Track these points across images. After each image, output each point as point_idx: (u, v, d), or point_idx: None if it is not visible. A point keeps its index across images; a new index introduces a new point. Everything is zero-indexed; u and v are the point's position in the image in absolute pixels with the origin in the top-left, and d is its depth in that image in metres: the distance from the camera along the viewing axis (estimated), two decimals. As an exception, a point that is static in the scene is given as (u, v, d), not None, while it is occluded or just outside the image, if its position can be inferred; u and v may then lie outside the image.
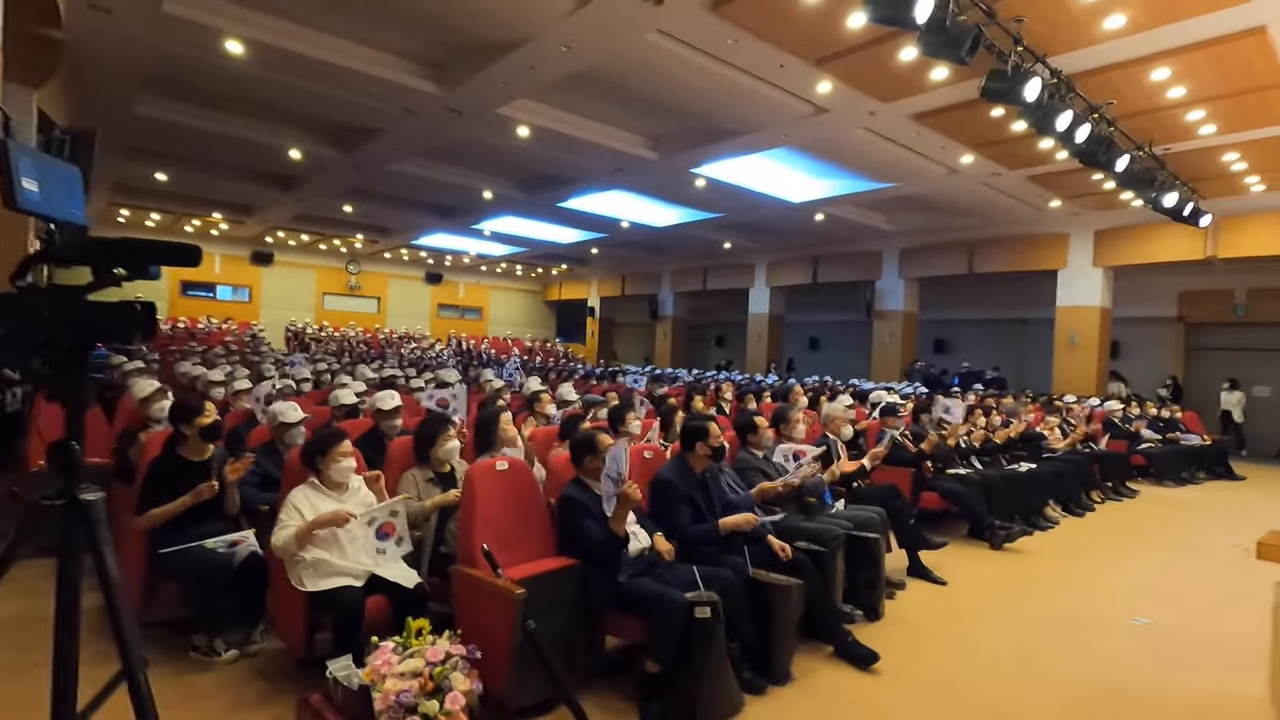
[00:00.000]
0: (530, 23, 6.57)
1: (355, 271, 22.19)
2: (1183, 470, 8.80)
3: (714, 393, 7.72)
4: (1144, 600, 4.24)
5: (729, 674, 2.62)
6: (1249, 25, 5.82)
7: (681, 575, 2.74)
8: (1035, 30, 5.80)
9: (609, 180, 11.96)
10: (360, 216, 16.18)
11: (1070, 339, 12.99)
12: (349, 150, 10.79)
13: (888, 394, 6.85)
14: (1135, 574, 4.86)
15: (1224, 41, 6.07)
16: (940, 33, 4.79)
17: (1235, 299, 13.25)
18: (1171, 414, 10.33)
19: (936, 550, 4.54)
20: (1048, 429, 7.46)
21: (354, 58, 7.50)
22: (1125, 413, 9.66)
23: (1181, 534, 6.14)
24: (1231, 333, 13.73)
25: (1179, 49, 6.30)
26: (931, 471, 5.46)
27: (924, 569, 4.36)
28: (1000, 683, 3.07)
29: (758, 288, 18.70)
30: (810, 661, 3.10)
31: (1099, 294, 12.72)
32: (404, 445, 3.38)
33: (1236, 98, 7.21)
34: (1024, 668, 3.23)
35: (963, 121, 8.33)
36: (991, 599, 4.17)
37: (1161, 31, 6.00)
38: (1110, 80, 6.86)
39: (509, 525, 2.78)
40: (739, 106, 8.36)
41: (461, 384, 5.96)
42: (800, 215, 13.83)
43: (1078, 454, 7.34)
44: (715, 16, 6.14)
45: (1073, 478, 6.75)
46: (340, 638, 2.52)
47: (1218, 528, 6.31)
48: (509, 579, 2.44)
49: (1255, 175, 9.75)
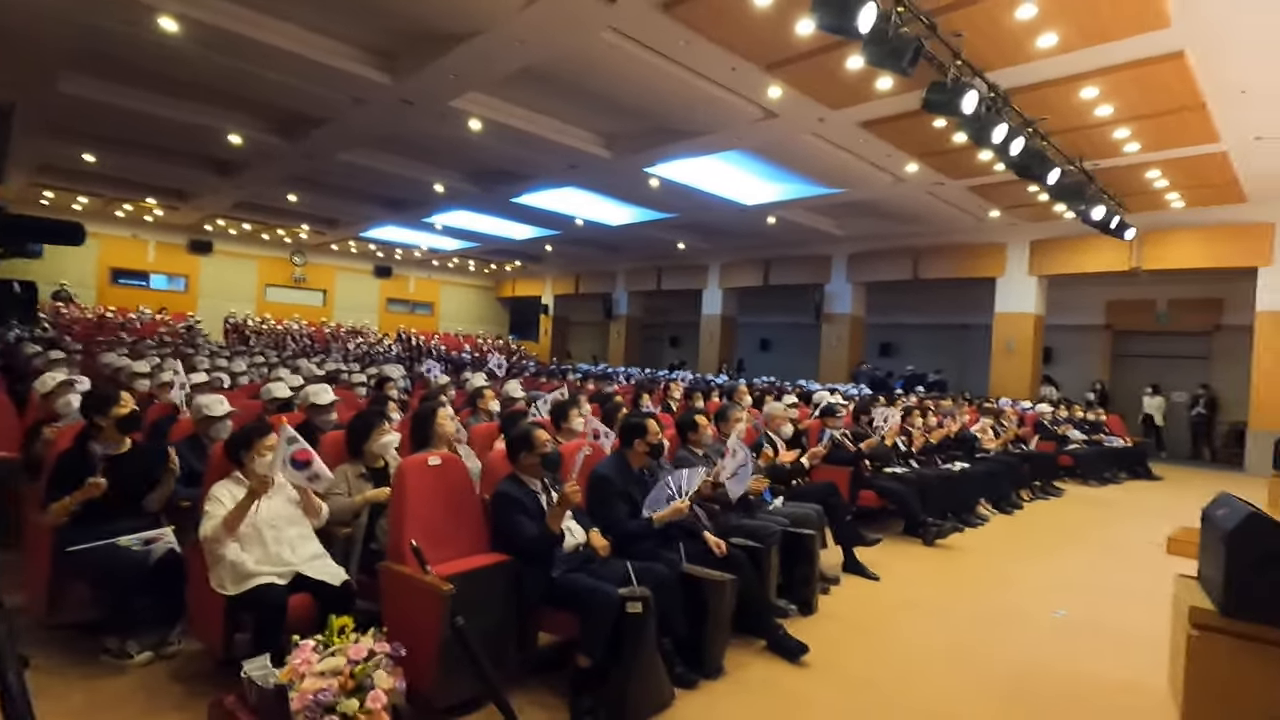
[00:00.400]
0: (483, 15, 6.49)
1: (300, 263, 21.53)
2: (1106, 470, 9.24)
3: (663, 391, 7.76)
4: (1065, 594, 4.44)
5: (660, 668, 2.64)
6: (1168, 50, 6.17)
7: (616, 571, 2.75)
8: (974, 45, 6.02)
9: (563, 177, 11.91)
10: (306, 206, 15.71)
11: (1007, 344, 13.52)
12: (295, 138, 10.46)
13: (830, 395, 7.00)
14: (1058, 569, 5.08)
15: (1146, 64, 6.42)
16: (883, 43, 4.92)
17: (1157, 308, 14.02)
18: (1097, 417, 10.85)
19: (871, 547, 4.66)
20: (981, 430, 7.74)
21: (300, 43, 7.28)
22: (1054, 415, 10.10)
23: (1102, 531, 6.45)
24: (1154, 341, 14.52)
25: (1106, 69, 6.63)
26: (870, 470, 5.60)
27: (858, 565, 4.47)
28: (926, 674, 3.17)
29: (711, 289, 18.89)
30: (743, 655, 3.15)
31: (1034, 302, 13.28)
32: (336, 439, 3.29)
33: (1158, 118, 7.63)
34: (950, 659, 3.35)
35: (907, 131, 8.58)
36: (922, 594, 4.30)
37: (1090, 52, 6.30)
38: (1044, 96, 7.16)
39: (440, 521, 2.74)
40: (692, 107, 8.43)
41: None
42: (752, 218, 14.03)
43: (1009, 454, 7.64)
44: (667, 17, 6.18)
45: (1004, 477, 7.02)
46: (260, 637, 2.44)
47: (1135, 525, 6.65)
48: (437, 575, 2.40)
49: (1175, 192, 10.33)
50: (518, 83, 8.17)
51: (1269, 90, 6.86)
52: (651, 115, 8.99)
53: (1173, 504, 7.80)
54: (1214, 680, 2.47)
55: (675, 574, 2.90)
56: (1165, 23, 5.69)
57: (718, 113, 8.49)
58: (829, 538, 4.35)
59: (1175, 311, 13.82)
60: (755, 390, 9.06)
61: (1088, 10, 5.64)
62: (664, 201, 13.26)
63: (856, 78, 7.01)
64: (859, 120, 8.47)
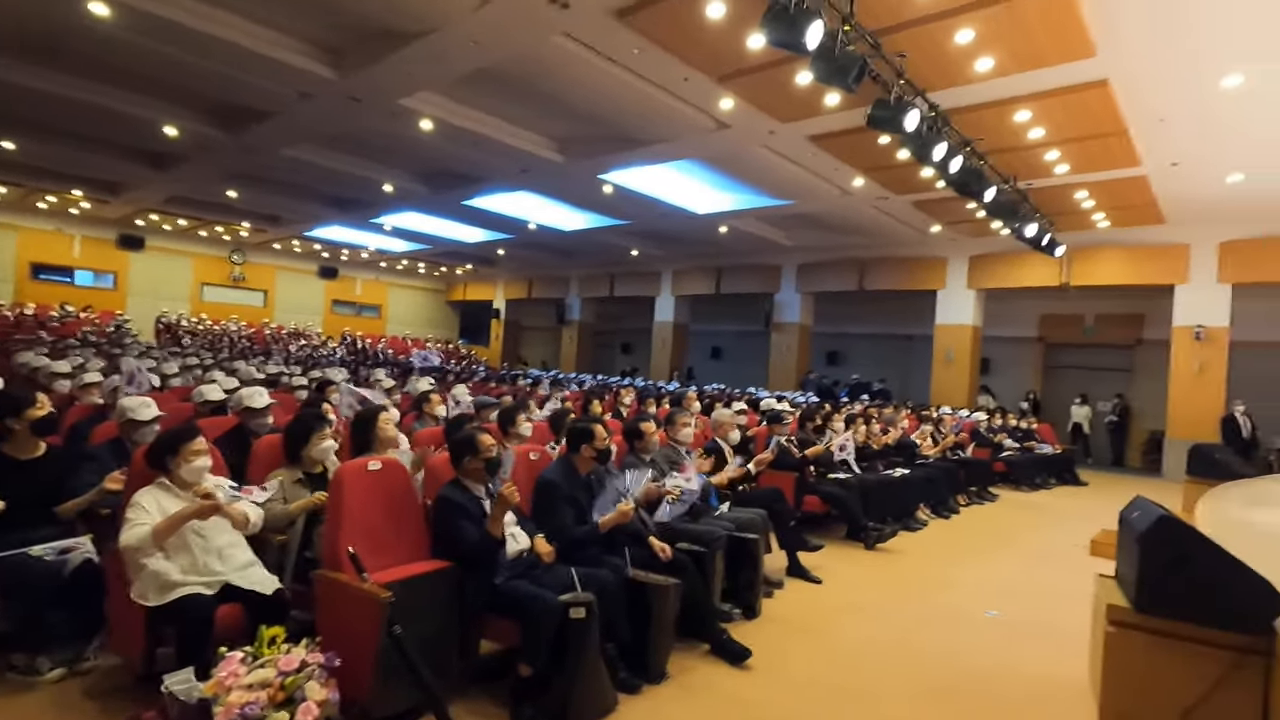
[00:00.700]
0: (436, 14, 6.40)
1: (240, 261, 20.74)
2: (1037, 476, 9.66)
3: (613, 398, 7.76)
4: (997, 594, 4.61)
5: (602, 674, 2.63)
6: (1094, 78, 6.52)
7: (560, 577, 2.73)
8: (916, 66, 6.24)
9: (516, 181, 11.82)
10: (247, 203, 15.15)
11: (946, 355, 14.02)
12: (235, 131, 10.09)
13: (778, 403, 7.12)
14: (992, 571, 5.28)
15: (1074, 91, 6.77)
16: (830, 60, 5.06)
17: (1085, 322, 14.76)
18: (1029, 425, 11.34)
19: (814, 551, 4.76)
20: (921, 438, 7.99)
21: (241, 33, 7.03)
22: (990, 424, 10.50)
23: (1033, 534, 6.74)
24: (1082, 353, 15.27)
25: (1037, 94, 6.97)
26: (814, 476, 5.72)
27: (802, 569, 4.55)
28: (866, 674, 3.25)
29: (663, 296, 19.01)
30: (687, 660, 3.17)
31: (972, 314, 13.81)
32: (272, 444, 3.18)
33: (1084, 142, 8.05)
34: (889, 659, 3.44)
35: (854, 146, 8.82)
36: (863, 596, 4.41)
37: (1023, 77, 6.62)
38: (981, 118, 7.48)
39: (380, 528, 2.67)
40: (645, 116, 8.49)
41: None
42: (705, 226, 14.20)
43: (947, 461, 7.91)
44: (621, 25, 6.21)
45: (942, 483, 7.26)
46: (184, 650, 2.33)
47: (1062, 528, 6.96)
48: (375, 583, 2.35)
49: (1101, 212, 10.91)
50: (471, 84, 8.08)
51: (1185, 120, 7.32)
52: (605, 122, 9.01)
53: (1097, 508, 8.19)
54: (1129, 673, 2.60)
55: (620, 579, 2.90)
56: (1090, 52, 6.03)
57: (671, 122, 8.57)
58: (773, 542, 4.41)
59: (1101, 325, 14.58)
60: (705, 397, 9.15)
61: (1021, 37, 5.92)
62: (618, 208, 13.30)
63: (805, 93, 7.18)
64: (808, 134, 8.68)
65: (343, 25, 7.10)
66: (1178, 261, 11.46)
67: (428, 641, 2.48)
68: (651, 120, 8.61)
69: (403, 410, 5.32)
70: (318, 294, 22.86)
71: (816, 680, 3.13)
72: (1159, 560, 2.55)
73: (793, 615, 3.93)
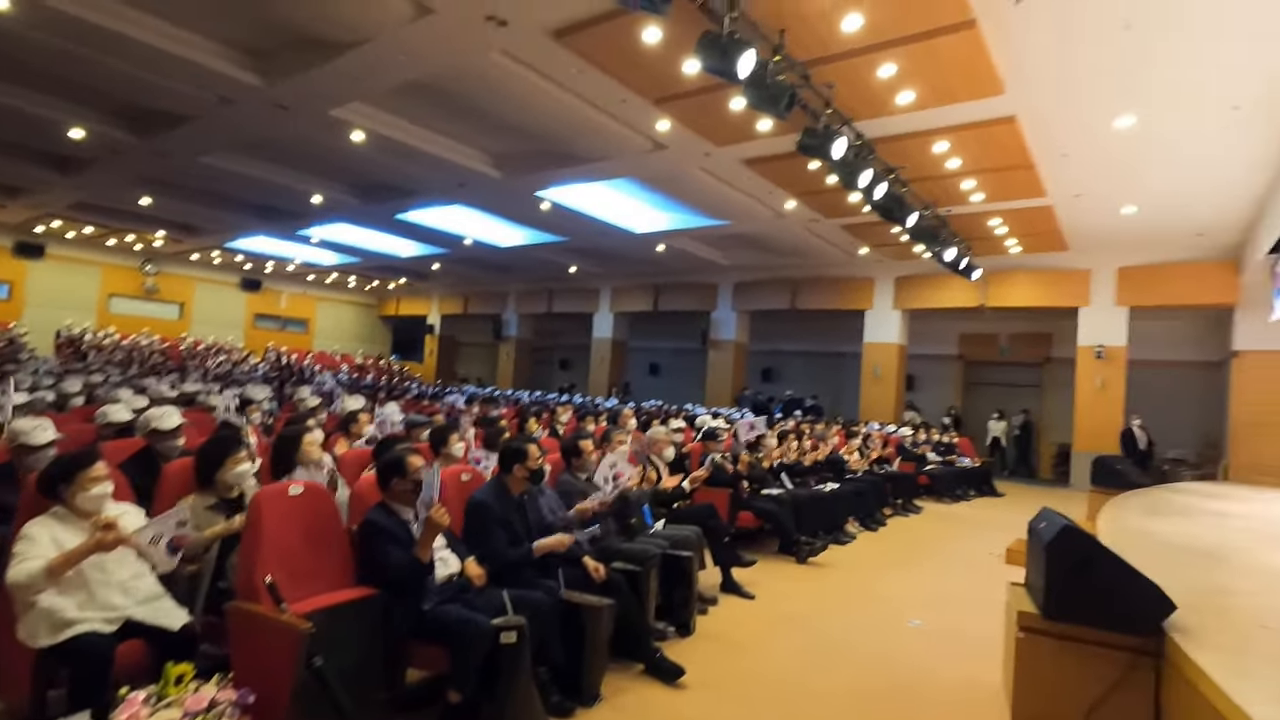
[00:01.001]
0: (368, 24, 6.29)
1: (153, 272, 19.59)
2: (958, 488, 10.11)
3: (549, 415, 7.70)
4: (920, 604, 4.79)
5: (534, 699, 2.59)
6: (1003, 114, 6.98)
7: (492, 600, 2.68)
8: (843, 96, 6.53)
9: (451, 195, 11.66)
10: (162, 211, 14.36)
11: (874, 372, 14.57)
12: (149, 136, 9.58)
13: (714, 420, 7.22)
14: (915, 581, 5.48)
15: (986, 125, 7.23)
16: (761, 88, 5.23)
17: (1001, 342, 15.63)
18: (951, 439, 11.88)
19: (748, 567, 4.83)
20: (849, 452, 8.25)
21: (157, 34, 6.71)
22: (915, 438, 10.95)
23: (954, 545, 7.04)
24: (998, 370, 16.15)
25: (954, 127, 7.40)
26: (748, 492, 5.82)
27: (735, 584, 4.61)
28: (797, 686, 3.31)
29: (602, 312, 19.05)
30: (621, 680, 3.15)
31: (897, 333, 14.42)
32: (183, 468, 3.00)
33: (997, 173, 8.59)
34: (818, 672, 3.52)
35: (786, 171, 9.12)
36: (795, 610, 4.50)
37: (941, 111, 7.01)
38: (904, 147, 7.87)
39: (301, 555, 2.56)
40: (584, 134, 8.54)
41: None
42: (643, 245, 14.34)
43: (875, 474, 8.19)
44: (559, 45, 6.25)
45: (870, 496, 7.51)
46: (79, 693, 2.16)
47: (981, 538, 7.29)
48: (294, 613, 2.24)
49: (1013, 239, 11.61)
50: (406, 96, 7.95)
51: (1084, 155, 7.91)
52: (543, 138, 9.02)
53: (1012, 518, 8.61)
54: (1038, 677, 2.75)
55: (553, 601, 2.87)
56: (1000, 90, 6.45)
57: (609, 141, 8.66)
58: (708, 559, 4.46)
59: (1015, 345, 15.47)
60: (643, 414, 9.19)
61: (937, 74, 6.29)
62: (556, 225, 13.29)
63: (739, 118, 7.39)
64: (743, 158, 8.92)
65: (269, 30, 6.88)
66: (1080, 286, 12.31)
67: (351, 672, 2.38)
68: (590, 139, 8.68)
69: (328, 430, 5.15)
70: (239, 307, 21.84)
71: (749, 695, 3.17)
72: (1063, 568, 2.71)
73: (726, 631, 3.97)
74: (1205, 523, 5.86)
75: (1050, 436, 14.85)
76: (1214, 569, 4.00)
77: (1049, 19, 5.33)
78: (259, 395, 6.28)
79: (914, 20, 5.48)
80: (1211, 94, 6.25)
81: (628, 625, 3.17)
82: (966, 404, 16.46)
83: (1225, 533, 5.39)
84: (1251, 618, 2.91)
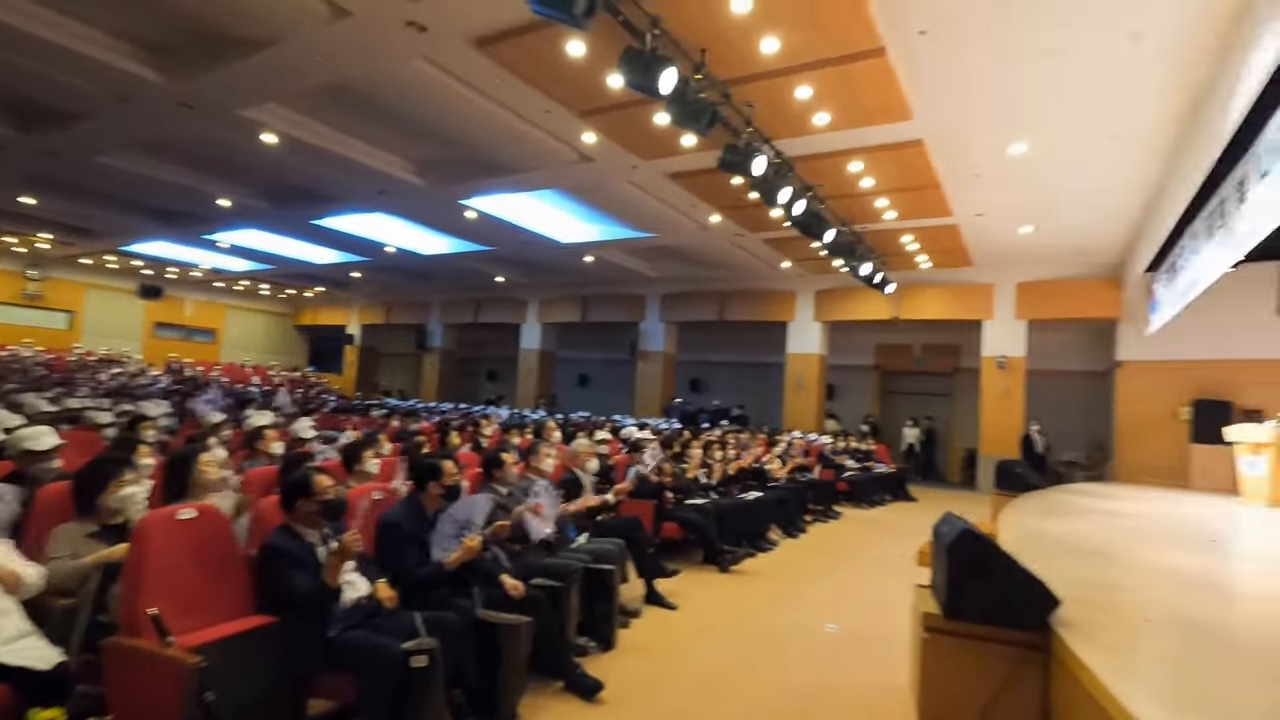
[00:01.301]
0: (281, 23, 6.04)
1: (37, 278, 18.07)
2: (875, 494, 10.51)
3: (473, 429, 7.54)
4: (838, 608, 4.94)
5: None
6: (911, 138, 7.37)
7: (402, 623, 2.59)
8: (763, 116, 6.74)
9: (372, 202, 11.31)
10: (48, 212, 13.30)
11: (797, 382, 15.01)
12: (35, 132, 8.88)
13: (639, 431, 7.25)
14: (834, 586, 5.65)
15: (896, 148, 7.61)
16: (683, 104, 5.33)
17: (914, 352, 16.40)
18: (869, 447, 12.36)
19: (671, 578, 4.85)
20: (771, 461, 8.45)
21: (46, 25, 6.25)
22: (834, 446, 11.32)
23: (872, 549, 7.29)
24: (912, 380, 16.94)
25: (867, 149, 7.75)
26: (672, 502, 5.86)
27: (659, 596, 4.63)
28: (716, 696, 3.34)
29: (530, 323, 18.87)
30: (539, 698, 3.10)
31: (818, 344, 14.92)
32: (59, 493, 2.77)
33: (907, 192, 9.05)
34: (738, 679, 3.56)
35: (710, 185, 9.31)
36: (717, 619, 4.55)
37: (854, 132, 7.34)
38: (821, 166, 8.18)
39: (193, 584, 2.40)
40: (509, 144, 8.46)
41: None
42: (570, 255, 14.31)
43: (796, 482, 8.42)
44: (481, 54, 6.18)
45: (792, 504, 7.70)
46: (-74, 747, 1.95)
47: (896, 542, 7.58)
48: (182, 647, 2.10)
49: (924, 255, 12.25)
50: (322, 98, 7.67)
51: (985, 178, 8.44)
52: (467, 147, 8.88)
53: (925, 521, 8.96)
54: (941, 675, 2.87)
55: (468, 621, 2.79)
56: (908, 115, 6.81)
57: (534, 151, 8.60)
58: (631, 571, 4.46)
59: (928, 355, 16.28)
60: (571, 426, 9.13)
61: (851, 98, 6.58)
62: (481, 234, 13.08)
63: (664, 132, 7.50)
64: (668, 171, 9.05)
65: (173, 26, 6.51)
66: (984, 300, 13.10)
67: (249, 706, 2.26)
68: (516, 148, 8.60)
69: (233, 448, 4.87)
70: (136, 315, 20.42)
71: (668, 707, 3.17)
72: (962, 569, 2.86)
73: (648, 643, 3.97)
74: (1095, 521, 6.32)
75: (959, 442, 15.67)
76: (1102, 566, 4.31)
77: (950, 51, 5.68)
78: (154, 411, 5.87)
79: (828, 45, 5.72)
80: (1093, 124, 6.80)
81: (547, 642, 3.13)
82: (884, 412, 17.17)
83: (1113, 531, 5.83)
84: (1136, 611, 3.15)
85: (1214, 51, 5.29)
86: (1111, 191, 8.55)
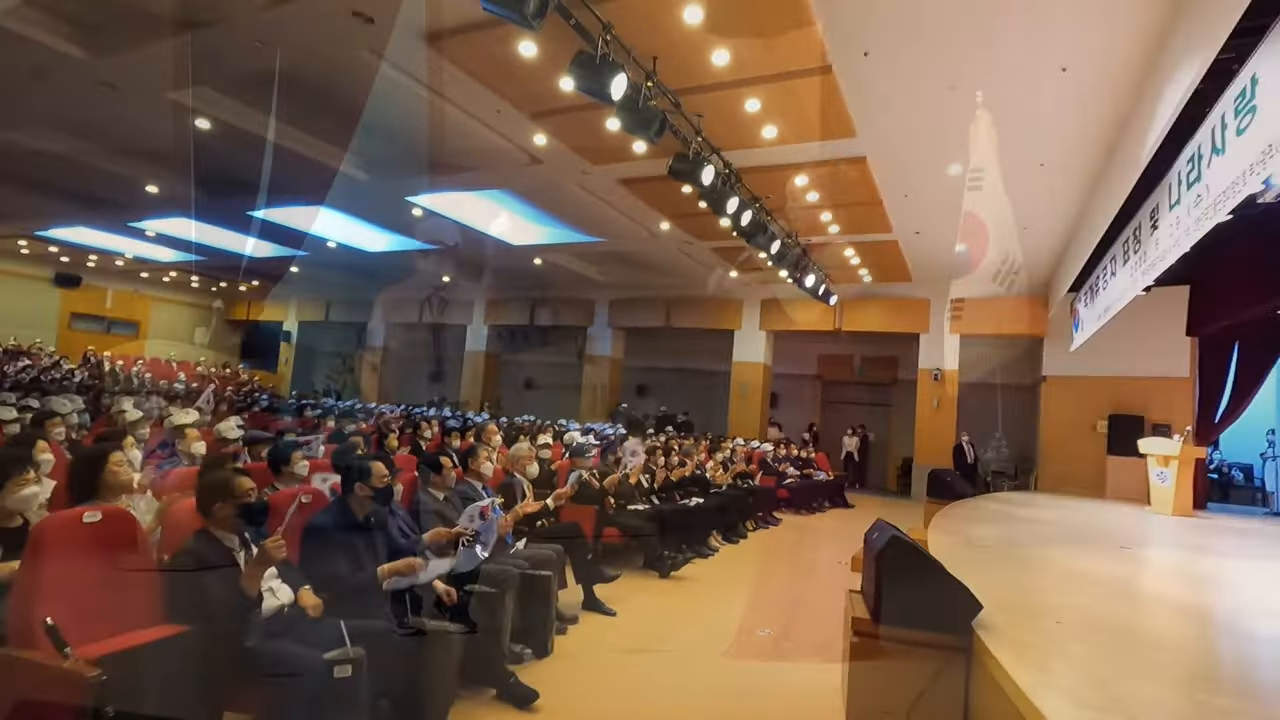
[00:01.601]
0: (217, 3, 5.78)
1: (-62, 262, 16.78)
2: (814, 501, 10.74)
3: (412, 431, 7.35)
4: (774, 613, 5.02)
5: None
6: (855, 155, 7.58)
7: (326, 632, 2.49)
8: (712, 126, 6.83)
9: (313, 195, 10.93)
10: (-49, 191, 12.36)
11: (742, 390, 15.22)
12: (-67, 104, 8.24)
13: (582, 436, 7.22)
14: (771, 590, 5.74)
15: (840, 164, 7.83)
16: (634, 111, 5.35)
17: (855, 363, 16.85)
18: (809, 455, 12.62)
19: (610, 583, 4.83)
20: (714, 468, 8.54)
21: (-51, -12, 5.81)
22: (776, 454, 11.52)
23: (809, 555, 7.46)
24: (853, 389, 17.39)
25: (813, 163, 7.94)
26: (614, 507, 5.84)
27: (597, 601, 4.60)
28: (651, 700, 3.35)
29: (476, 325, 18.57)
30: (472, 707, 3.04)
31: (763, 353, 15.18)
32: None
33: (850, 208, 9.31)
34: (672, 686, 3.57)
35: (660, 193, 9.36)
36: (655, 625, 4.55)
37: (801, 147, 7.51)
38: (768, 178, 8.33)
39: (96, 592, 2.25)
40: (458, 141, 8.32)
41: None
42: (519, 257, 14.16)
43: (738, 489, 8.52)
44: (431, 49, 6.08)
45: (733, 510, 7.79)
46: None
47: (833, 548, 7.77)
48: (81, 658, 1.97)
49: (865, 268, 12.62)
50: (262, 86, 7.35)
51: (924, 197, 8.74)
52: (415, 143, 8.67)
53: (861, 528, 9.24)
54: (869, 678, 2.94)
55: (397, 628, 2.71)
56: (852, 133, 7.01)
57: (484, 150, 8.48)
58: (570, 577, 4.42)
59: (868, 366, 16.74)
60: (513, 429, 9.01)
61: (797, 113, 6.74)
62: (428, 232, 12.81)
63: (615, 138, 7.48)
64: (619, 177, 9.06)
65: (97, 0, 6.16)
66: (921, 314, 13.57)
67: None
68: (466, 146, 8.45)
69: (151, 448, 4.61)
70: (51, 305, 19.17)
71: (603, 714, 3.16)
72: (889, 574, 2.94)
73: (585, 651, 3.94)
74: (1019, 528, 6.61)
75: (896, 451, 16.16)
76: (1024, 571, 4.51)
77: (892, 72, 5.87)
78: (65, 408, 5.52)
79: (776, 61, 5.84)
80: (1021, 150, 7.13)
81: (480, 650, 3.06)
82: (824, 421, 17.57)
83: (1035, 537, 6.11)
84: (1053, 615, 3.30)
85: (1133, 86, 5.63)
86: (1038, 215, 8.97)
